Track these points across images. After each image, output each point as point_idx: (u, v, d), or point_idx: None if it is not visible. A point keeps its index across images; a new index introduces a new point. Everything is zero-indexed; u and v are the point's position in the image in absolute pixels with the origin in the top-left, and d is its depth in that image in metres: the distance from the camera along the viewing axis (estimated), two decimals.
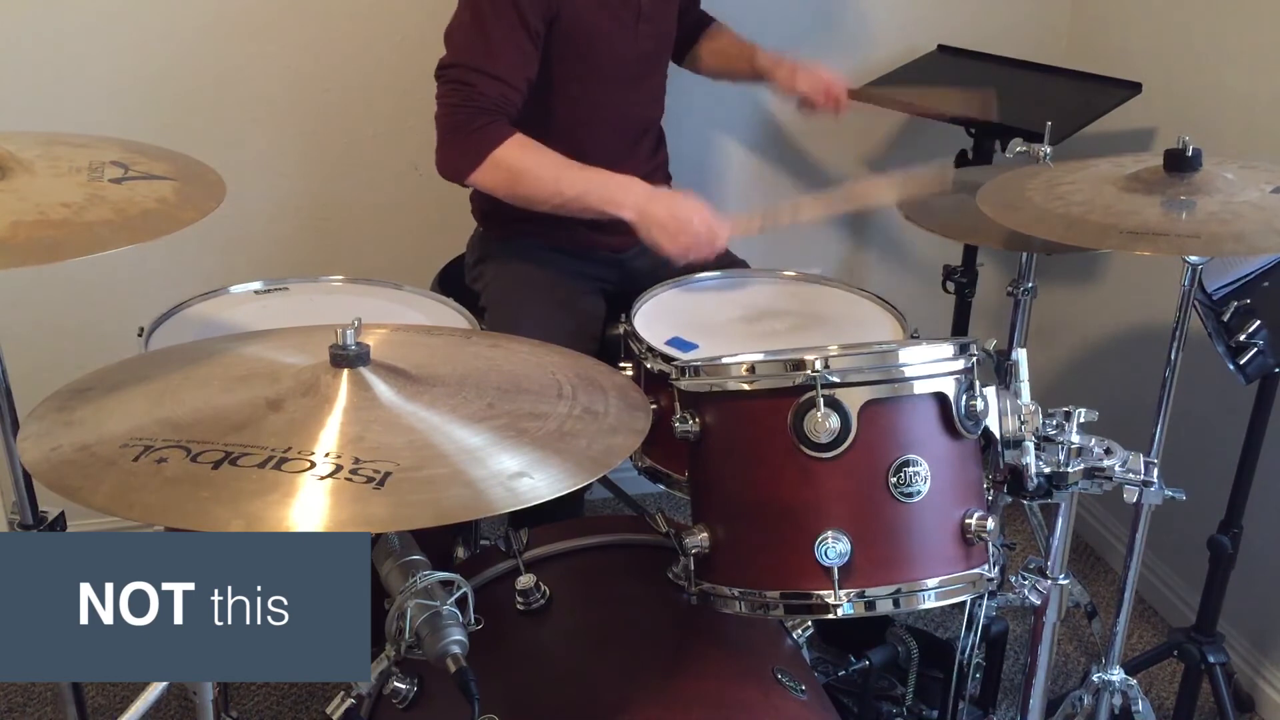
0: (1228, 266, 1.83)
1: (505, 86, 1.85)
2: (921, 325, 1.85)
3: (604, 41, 1.97)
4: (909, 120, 2.69)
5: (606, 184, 1.88)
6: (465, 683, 1.16)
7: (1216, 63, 2.32)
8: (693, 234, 1.83)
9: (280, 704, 2.27)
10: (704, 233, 1.84)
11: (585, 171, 1.88)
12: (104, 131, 1.56)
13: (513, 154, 1.84)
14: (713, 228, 1.85)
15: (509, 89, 1.85)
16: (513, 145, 1.84)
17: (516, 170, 1.85)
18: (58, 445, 1.08)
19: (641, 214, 1.85)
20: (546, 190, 1.87)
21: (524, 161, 1.85)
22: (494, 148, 1.83)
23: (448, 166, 1.88)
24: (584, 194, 1.87)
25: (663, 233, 1.84)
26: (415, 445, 1.09)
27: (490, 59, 1.84)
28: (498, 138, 1.83)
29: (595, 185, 1.87)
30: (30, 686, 2.28)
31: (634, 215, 1.85)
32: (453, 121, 1.85)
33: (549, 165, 1.87)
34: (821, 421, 1.31)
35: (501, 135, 1.84)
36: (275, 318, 1.78)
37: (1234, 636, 2.25)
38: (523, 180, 1.86)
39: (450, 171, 1.88)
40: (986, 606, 1.69)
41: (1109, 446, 1.47)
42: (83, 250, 1.22)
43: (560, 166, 1.87)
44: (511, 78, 1.85)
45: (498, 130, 1.84)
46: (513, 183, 1.86)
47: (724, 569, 1.40)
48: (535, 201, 1.89)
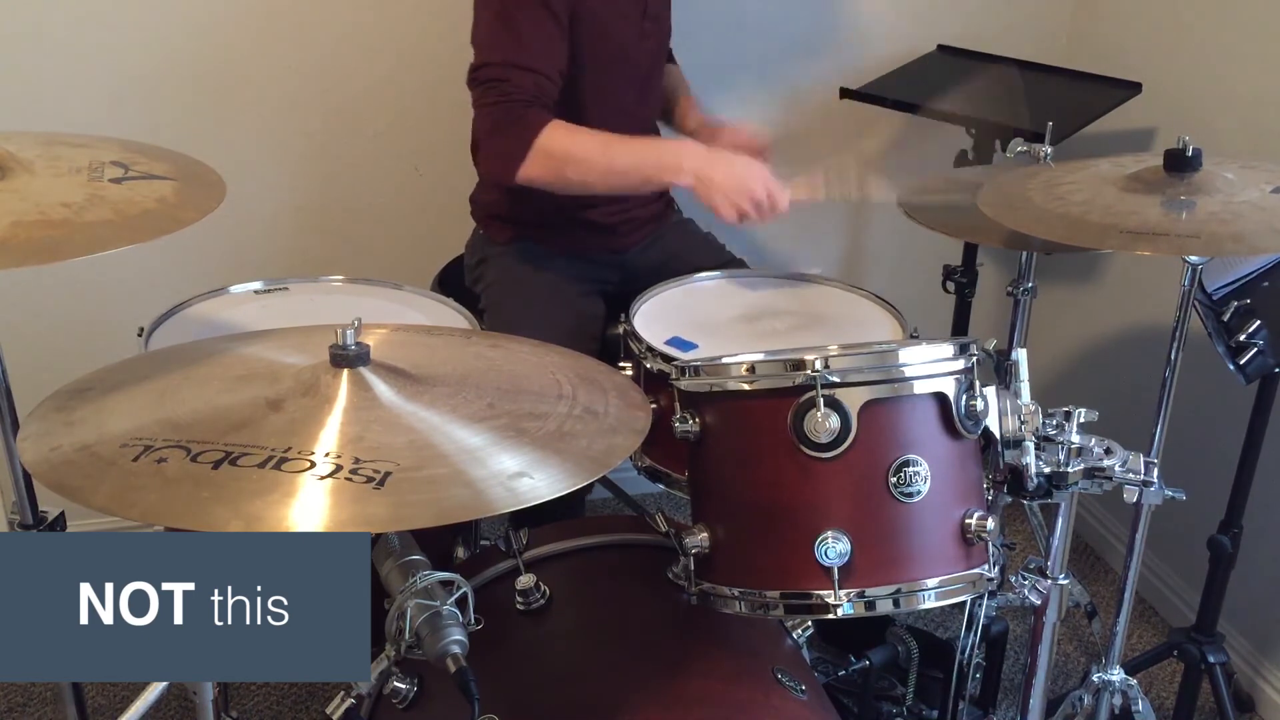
0: (1228, 266, 1.83)
1: (539, 77, 1.80)
2: (921, 325, 1.85)
3: (616, 38, 1.96)
4: (909, 120, 2.69)
5: (660, 150, 1.84)
6: (465, 683, 1.16)
7: (1216, 63, 2.32)
8: (753, 197, 1.77)
9: (280, 704, 2.27)
10: (763, 196, 1.77)
11: (634, 143, 1.83)
12: (104, 131, 1.56)
13: (557, 139, 1.79)
14: (773, 191, 1.78)
15: (543, 79, 1.81)
16: (555, 130, 1.79)
17: (563, 155, 1.80)
18: (58, 445, 1.08)
19: (700, 178, 1.78)
20: (598, 169, 1.82)
21: (570, 145, 1.80)
22: (536, 136, 1.77)
23: (495, 165, 1.83)
24: (638, 165, 1.83)
25: (722, 196, 1.77)
26: (415, 445, 1.09)
27: (520, 51, 1.80)
28: (538, 125, 1.78)
29: (649, 154, 1.83)
30: (30, 686, 2.28)
31: (692, 180, 1.79)
32: (491, 120, 1.81)
33: (596, 144, 1.82)
34: (821, 421, 1.31)
35: (541, 122, 1.78)
36: (275, 318, 1.78)
37: (1234, 636, 2.25)
38: (571, 163, 1.81)
39: (499, 170, 1.82)
40: (986, 606, 1.69)
41: (1109, 446, 1.47)
42: (83, 250, 1.22)
43: (608, 143, 1.82)
44: (544, 68, 1.81)
45: (537, 118, 1.79)
46: (562, 167, 1.80)
47: (724, 569, 1.40)
48: (589, 183, 1.84)
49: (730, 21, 2.42)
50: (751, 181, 1.78)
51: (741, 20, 2.48)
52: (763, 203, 1.78)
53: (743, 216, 1.78)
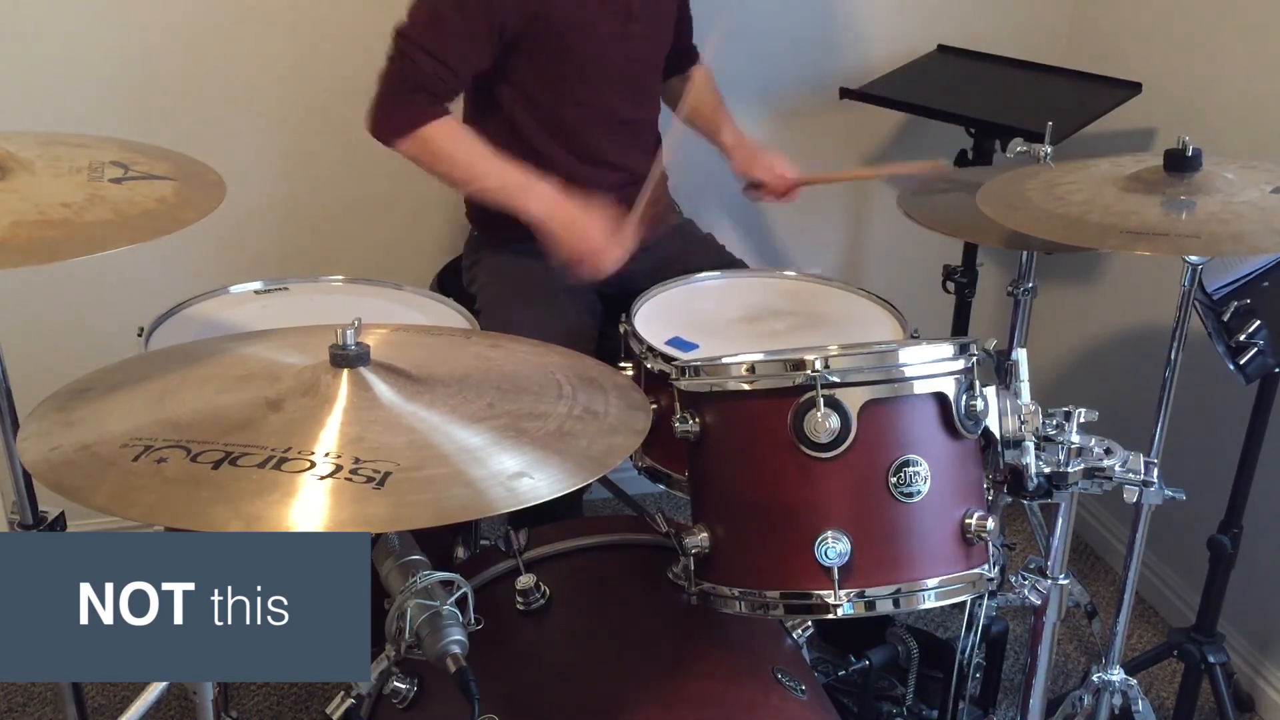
0: (1228, 266, 1.82)
1: (448, 72, 1.91)
2: (921, 325, 1.85)
3: (592, 41, 1.98)
4: (908, 120, 2.69)
5: (520, 185, 1.93)
6: (465, 683, 1.16)
7: (1216, 63, 2.32)
8: (584, 251, 1.88)
9: (280, 704, 2.27)
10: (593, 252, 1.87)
11: (503, 170, 1.93)
12: (103, 132, 1.56)
13: (440, 135, 1.91)
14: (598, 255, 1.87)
15: (452, 76, 1.92)
16: (442, 126, 1.91)
17: (438, 151, 1.93)
18: (58, 445, 1.08)
19: (545, 220, 1.90)
20: (461, 175, 1.97)
21: (448, 145, 1.93)
22: (424, 125, 1.90)
23: (377, 128, 1.94)
24: (497, 189, 1.94)
25: (557, 241, 1.89)
26: (415, 445, 1.09)
27: (439, 44, 1.89)
28: (429, 116, 1.90)
29: (509, 184, 1.94)
30: (30, 686, 2.28)
31: (538, 218, 1.90)
32: (391, 88, 1.92)
33: (471, 154, 1.94)
34: (821, 421, 1.31)
35: (434, 114, 1.91)
36: (275, 318, 1.78)
37: (1234, 636, 2.25)
38: (441, 161, 1.94)
39: (378, 132, 1.94)
40: (986, 606, 1.69)
41: (1109, 446, 1.47)
42: (83, 250, 1.22)
43: (481, 157, 1.93)
44: (457, 66, 1.92)
45: (432, 109, 1.91)
46: (433, 161, 1.94)
47: (724, 569, 1.40)
48: (450, 182, 2.02)
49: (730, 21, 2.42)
50: (584, 240, 1.88)
51: (742, 20, 2.48)
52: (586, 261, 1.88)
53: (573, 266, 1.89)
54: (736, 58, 2.57)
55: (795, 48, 2.61)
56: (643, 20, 2.03)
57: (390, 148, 1.95)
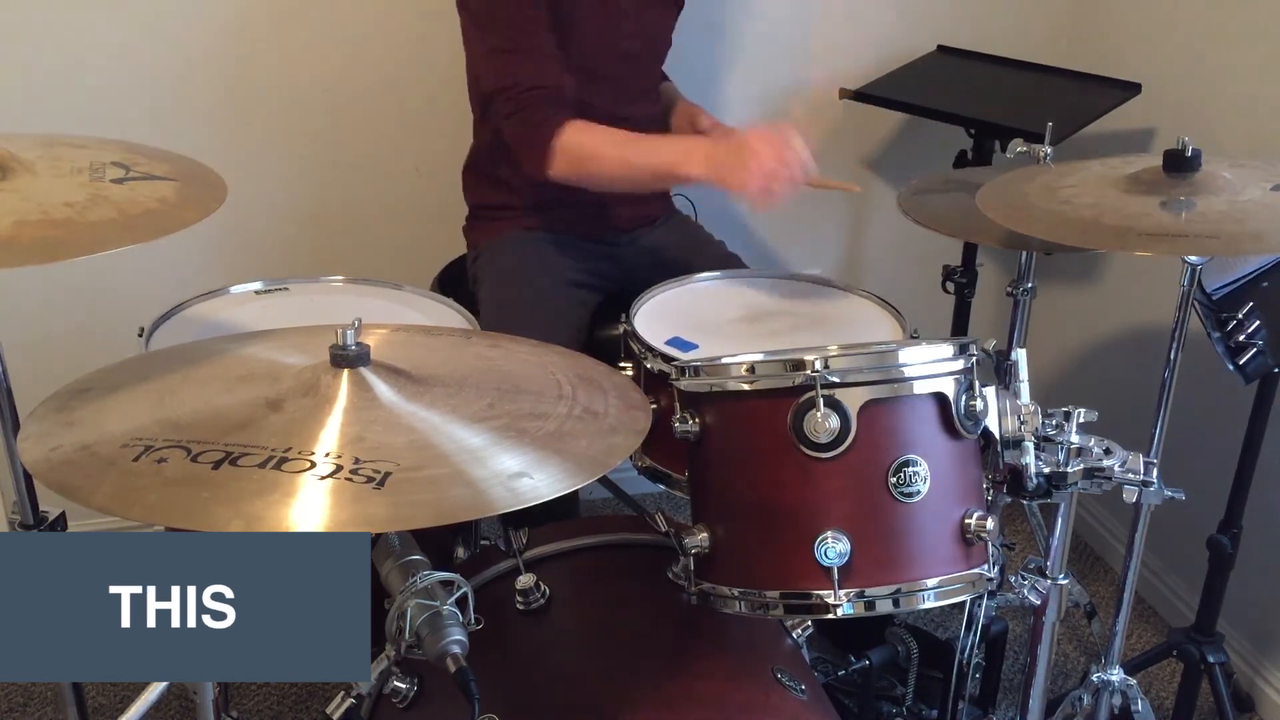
0: (1227, 266, 1.82)
1: (544, 63, 1.88)
2: (921, 325, 1.85)
3: (587, 40, 1.98)
4: (908, 121, 2.69)
5: (672, 147, 1.88)
6: (465, 683, 1.16)
7: (1216, 63, 2.32)
8: (768, 168, 1.68)
9: (280, 704, 2.27)
10: (778, 161, 1.69)
11: (647, 141, 1.88)
12: (104, 133, 1.56)
13: (573, 139, 1.86)
14: (784, 152, 1.69)
15: (548, 65, 1.88)
16: (570, 130, 1.86)
17: (580, 153, 1.86)
18: (58, 445, 1.08)
19: (710, 166, 1.77)
20: (614, 166, 1.88)
21: (586, 144, 1.87)
22: (554, 138, 1.85)
23: (530, 165, 1.90)
24: (650, 161, 1.87)
25: (736, 176, 1.71)
26: (415, 445, 1.09)
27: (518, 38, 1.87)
28: (553, 127, 1.85)
29: (662, 151, 1.88)
30: (30, 686, 2.28)
31: (704, 170, 1.77)
32: (514, 132, 1.90)
33: (611, 143, 1.88)
34: (821, 421, 1.31)
35: (556, 123, 1.86)
36: (275, 318, 1.78)
37: (1234, 636, 2.25)
38: (589, 162, 1.87)
39: (533, 173, 1.90)
40: (986, 606, 1.69)
41: (1109, 446, 1.47)
42: (85, 250, 1.22)
43: (622, 142, 1.87)
44: (546, 48, 1.88)
45: (550, 123, 1.86)
46: (581, 165, 1.87)
47: (724, 569, 1.40)
48: (606, 179, 1.91)
49: (733, 24, 2.42)
50: (761, 152, 1.70)
51: (744, 22, 2.48)
52: (781, 167, 1.69)
53: (767, 190, 1.69)
54: (737, 58, 2.58)
55: (795, 48, 2.61)
56: (635, 19, 2.04)
57: (550, 180, 1.89)
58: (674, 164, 1.83)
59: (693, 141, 1.87)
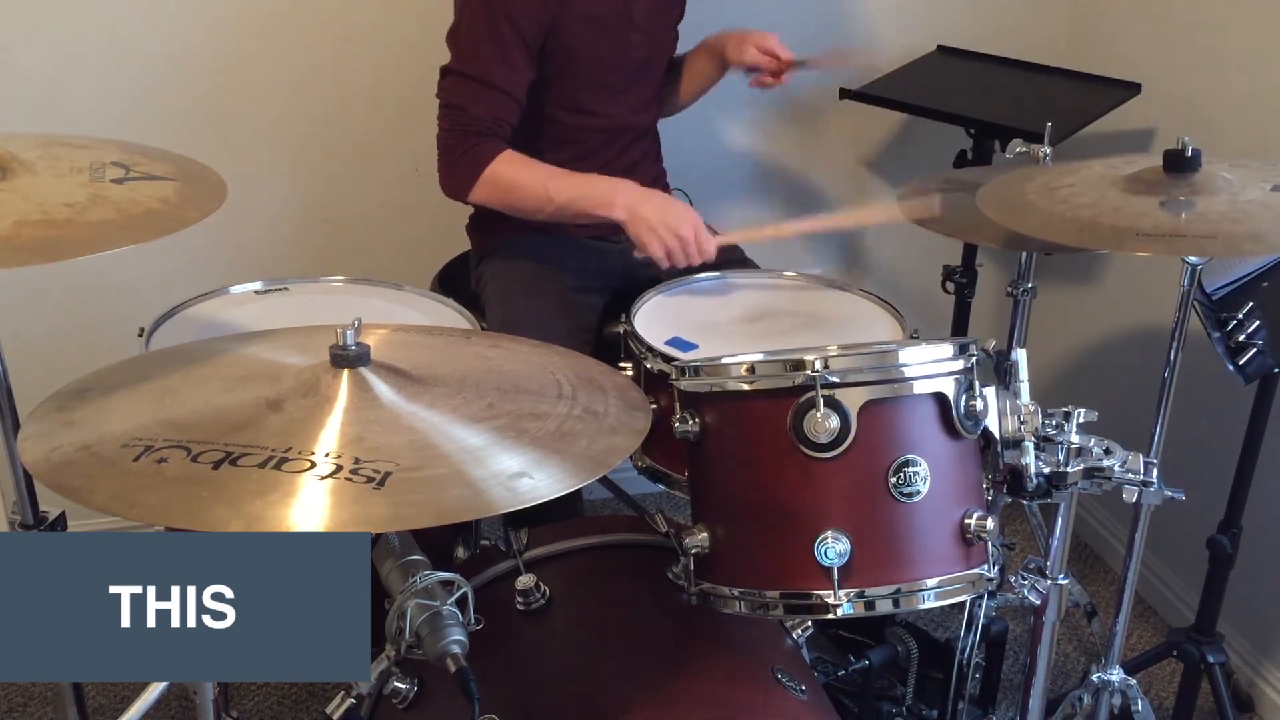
0: (1227, 266, 1.82)
1: (500, 100, 1.92)
2: (921, 325, 1.85)
3: (593, 52, 1.99)
4: (907, 121, 2.69)
5: (597, 186, 1.93)
6: (465, 683, 1.17)
7: (1216, 63, 2.32)
8: (681, 240, 1.87)
9: (280, 704, 2.27)
10: (691, 240, 1.87)
11: (574, 178, 1.94)
12: (104, 133, 1.56)
13: (503, 170, 1.92)
14: (701, 237, 1.88)
15: (504, 103, 1.92)
16: (502, 161, 1.92)
17: (507, 184, 1.93)
18: (58, 445, 1.08)
19: (632, 214, 1.89)
20: (538, 199, 1.93)
21: (514, 175, 1.93)
22: (485, 166, 1.91)
23: (447, 187, 1.97)
24: (575, 200, 1.93)
25: (651, 235, 1.87)
26: (415, 445, 1.09)
27: (488, 70, 1.90)
28: (488, 156, 1.91)
29: (585, 189, 1.93)
30: (30, 686, 2.28)
31: (624, 215, 1.89)
32: (448, 144, 1.94)
33: (539, 176, 1.94)
34: (821, 421, 1.31)
35: (492, 153, 1.91)
36: (275, 318, 1.78)
37: (1234, 636, 2.25)
38: (514, 192, 1.94)
39: (450, 191, 1.97)
40: (986, 606, 1.69)
41: (1109, 446, 1.47)
42: (86, 249, 1.22)
43: (549, 176, 1.93)
44: (508, 89, 1.92)
45: (489, 149, 1.91)
46: (506, 196, 1.94)
47: (724, 569, 1.40)
48: (529, 211, 1.96)
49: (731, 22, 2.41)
50: (680, 223, 1.87)
51: (742, 21, 2.47)
52: (689, 244, 1.87)
53: (669, 255, 1.88)
54: None
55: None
56: (644, 29, 2.04)
57: (468, 203, 1.98)
58: (596, 206, 1.91)
59: (620, 187, 1.92)
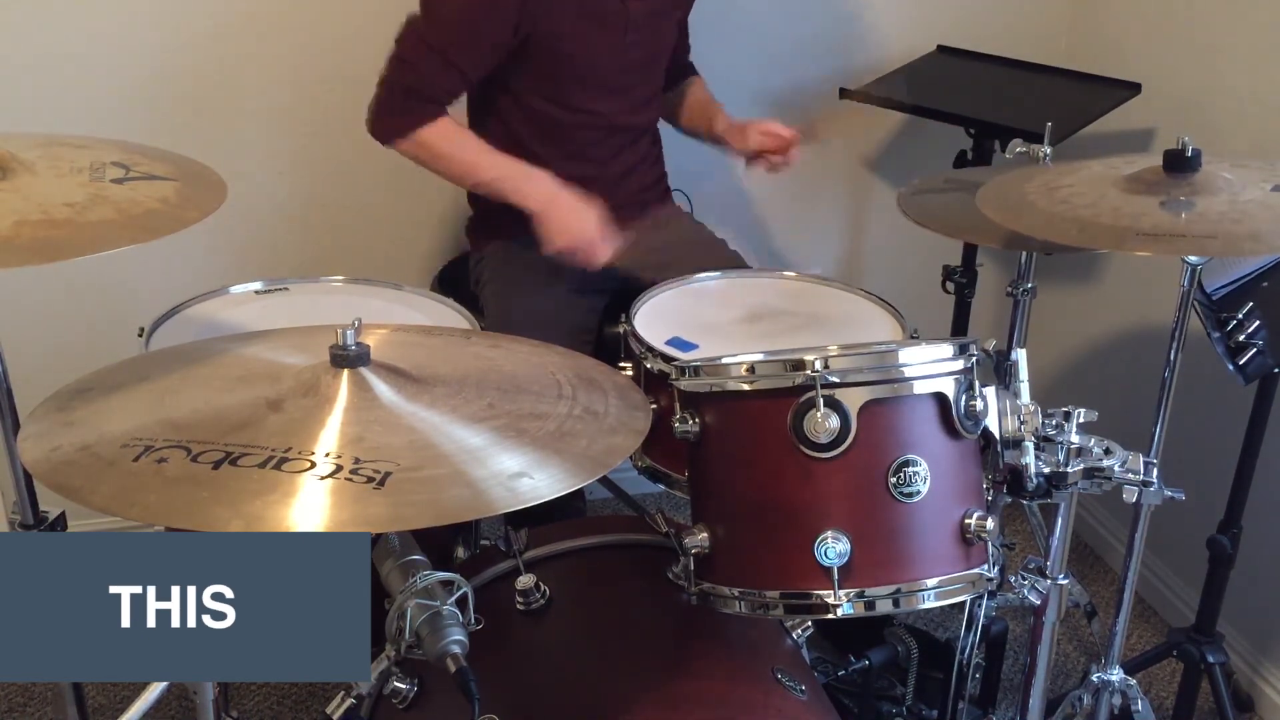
0: (1227, 266, 1.82)
1: (454, 76, 1.95)
2: (921, 325, 1.85)
3: (587, 51, 1.99)
4: (907, 121, 2.69)
5: (518, 174, 1.97)
6: (465, 683, 1.17)
7: (1216, 63, 2.32)
8: (574, 241, 1.91)
9: (280, 704, 2.27)
10: (584, 244, 1.91)
11: (501, 163, 1.98)
12: (104, 133, 1.56)
13: (436, 135, 1.96)
14: (593, 244, 1.91)
15: (456, 81, 1.96)
16: (438, 126, 1.95)
17: (436, 150, 1.97)
18: (58, 445, 1.08)
19: (544, 208, 1.93)
20: (459, 171, 2.01)
21: (445, 145, 1.97)
22: (419, 128, 1.95)
23: (376, 130, 1.99)
24: (496, 180, 1.97)
25: (554, 229, 1.92)
26: (415, 445, 1.09)
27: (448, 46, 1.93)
28: (424, 119, 1.94)
29: (508, 174, 1.97)
30: (30, 686, 2.28)
31: (536, 206, 1.93)
32: (388, 94, 1.96)
33: (469, 151, 1.98)
34: (821, 422, 1.31)
35: (430, 118, 1.94)
36: (275, 318, 1.78)
37: (1234, 636, 2.25)
38: (440, 159, 1.99)
39: (377, 134, 1.99)
40: (986, 606, 1.69)
41: (1108, 446, 1.47)
42: (86, 249, 1.22)
43: (479, 152, 1.98)
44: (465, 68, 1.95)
45: (428, 112, 1.94)
46: (431, 159, 1.99)
47: (724, 569, 1.40)
48: (449, 178, 2.04)
49: (733, 25, 2.42)
50: (581, 229, 1.92)
51: (742, 20, 2.48)
52: (581, 250, 1.92)
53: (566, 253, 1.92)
54: (737, 58, 2.58)
55: (795, 48, 2.61)
56: (642, 29, 2.04)
57: (388, 147, 1.99)
58: (514, 190, 1.96)
59: (535, 178, 1.96)
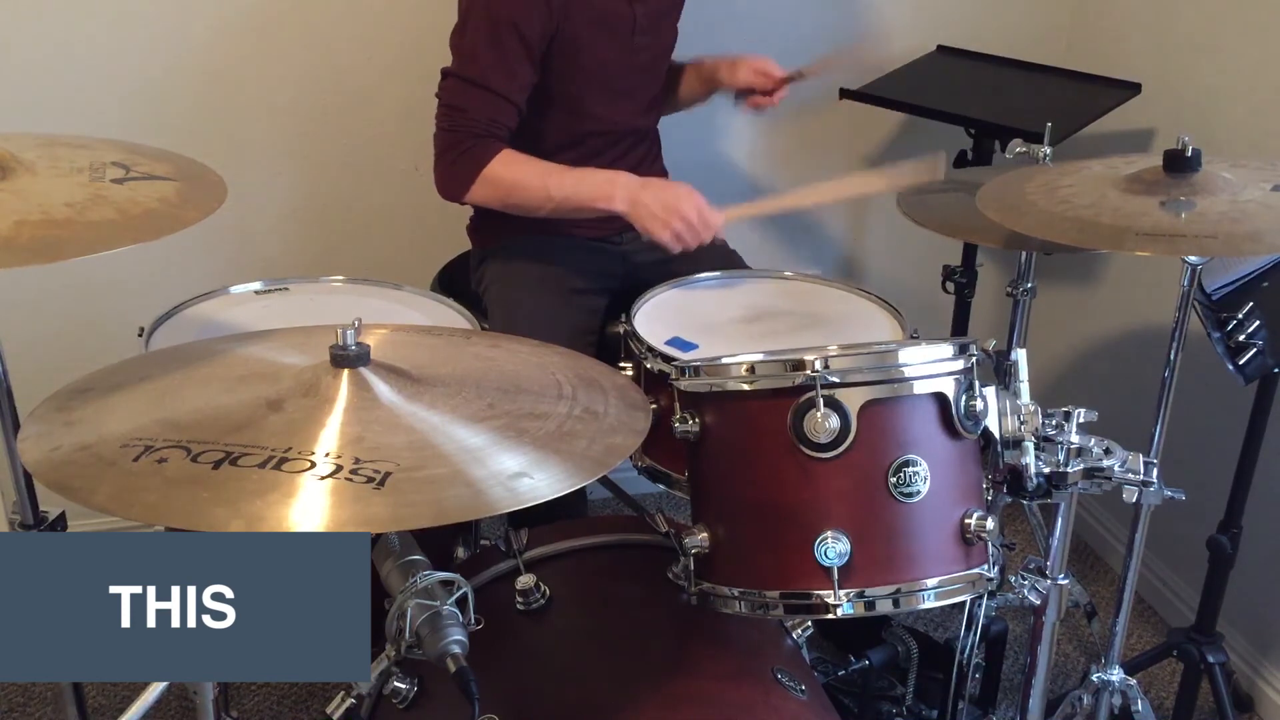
0: (1227, 266, 1.82)
1: (499, 104, 1.90)
2: (921, 325, 1.85)
3: (597, 56, 1.99)
4: (907, 121, 2.69)
5: (594, 180, 1.93)
6: (465, 683, 1.17)
7: (1216, 63, 2.32)
8: (685, 221, 1.85)
9: (280, 704, 2.27)
10: (696, 219, 1.85)
11: (572, 173, 1.93)
12: (104, 133, 1.56)
13: (501, 170, 1.91)
14: (705, 214, 1.86)
15: (503, 108, 1.91)
16: (501, 160, 1.91)
17: (507, 184, 1.92)
18: (58, 445, 1.08)
19: (633, 204, 1.88)
20: (537, 197, 1.93)
21: (513, 174, 1.92)
22: (483, 167, 1.90)
23: (444, 187, 1.95)
24: (573, 194, 1.92)
25: (654, 221, 1.86)
26: (415, 445, 1.09)
27: (488, 75, 1.89)
28: (486, 156, 1.90)
29: (584, 184, 1.92)
30: (30, 686, 2.28)
31: (626, 206, 1.88)
32: (445, 144, 1.93)
33: (536, 173, 1.93)
34: (821, 422, 1.31)
35: (490, 153, 1.90)
36: (275, 318, 1.78)
37: (1233, 636, 2.25)
38: (514, 192, 1.93)
39: (447, 192, 1.96)
40: (986, 606, 1.69)
41: (1108, 446, 1.47)
42: (86, 249, 1.22)
43: (547, 173, 1.93)
44: (508, 94, 1.91)
45: (488, 148, 1.90)
46: (505, 195, 1.94)
47: (724, 569, 1.40)
48: (529, 209, 1.95)
49: (733, 25, 2.42)
50: (681, 204, 1.85)
51: (742, 20, 2.47)
52: (694, 223, 1.85)
53: (677, 238, 1.86)
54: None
55: (795, 48, 2.61)
56: (648, 32, 2.04)
57: (465, 202, 1.97)
58: (597, 199, 1.91)
59: (618, 179, 1.91)
